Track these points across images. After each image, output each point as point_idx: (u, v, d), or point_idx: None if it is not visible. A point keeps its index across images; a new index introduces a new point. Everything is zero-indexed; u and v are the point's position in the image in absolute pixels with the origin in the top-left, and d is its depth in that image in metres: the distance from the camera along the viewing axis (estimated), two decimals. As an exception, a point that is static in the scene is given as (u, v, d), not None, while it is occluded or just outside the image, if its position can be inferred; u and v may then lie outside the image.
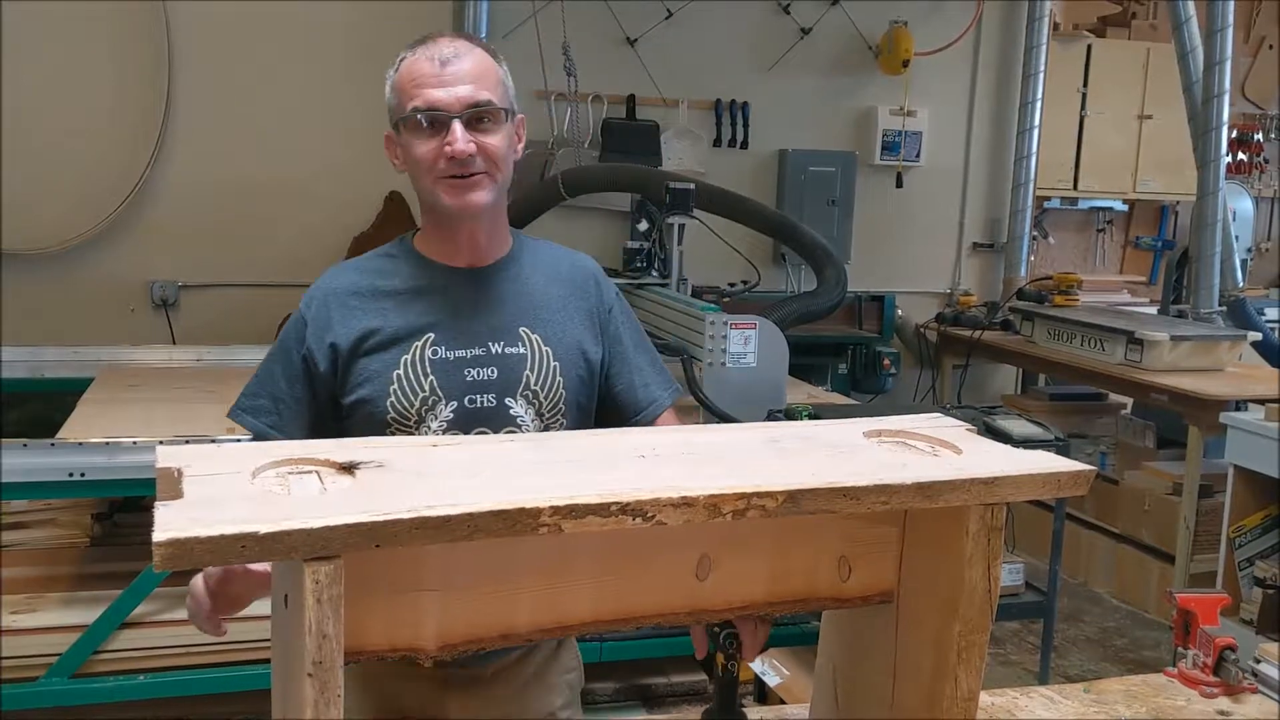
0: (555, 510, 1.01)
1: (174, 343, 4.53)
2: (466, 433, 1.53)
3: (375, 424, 1.53)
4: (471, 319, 1.58)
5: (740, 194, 4.58)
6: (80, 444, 2.86)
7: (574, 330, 1.63)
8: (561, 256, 1.70)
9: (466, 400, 1.55)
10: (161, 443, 1.18)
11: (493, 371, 1.56)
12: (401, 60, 1.55)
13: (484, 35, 4.67)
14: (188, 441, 2.76)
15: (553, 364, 1.59)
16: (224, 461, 1.10)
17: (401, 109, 1.53)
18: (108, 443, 2.86)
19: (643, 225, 4.21)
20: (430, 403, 1.53)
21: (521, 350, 1.58)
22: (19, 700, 2.90)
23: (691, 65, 5.31)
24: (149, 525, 0.92)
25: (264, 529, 0.91)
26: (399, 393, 1.53)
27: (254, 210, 4.73)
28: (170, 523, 0.91)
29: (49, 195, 4.47)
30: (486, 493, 1.03)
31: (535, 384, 1.58)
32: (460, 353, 1.56)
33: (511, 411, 1.56)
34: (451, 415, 1.54)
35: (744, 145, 5.49)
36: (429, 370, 1.54)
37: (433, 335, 1.56)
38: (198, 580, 1.37)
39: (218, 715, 3.16)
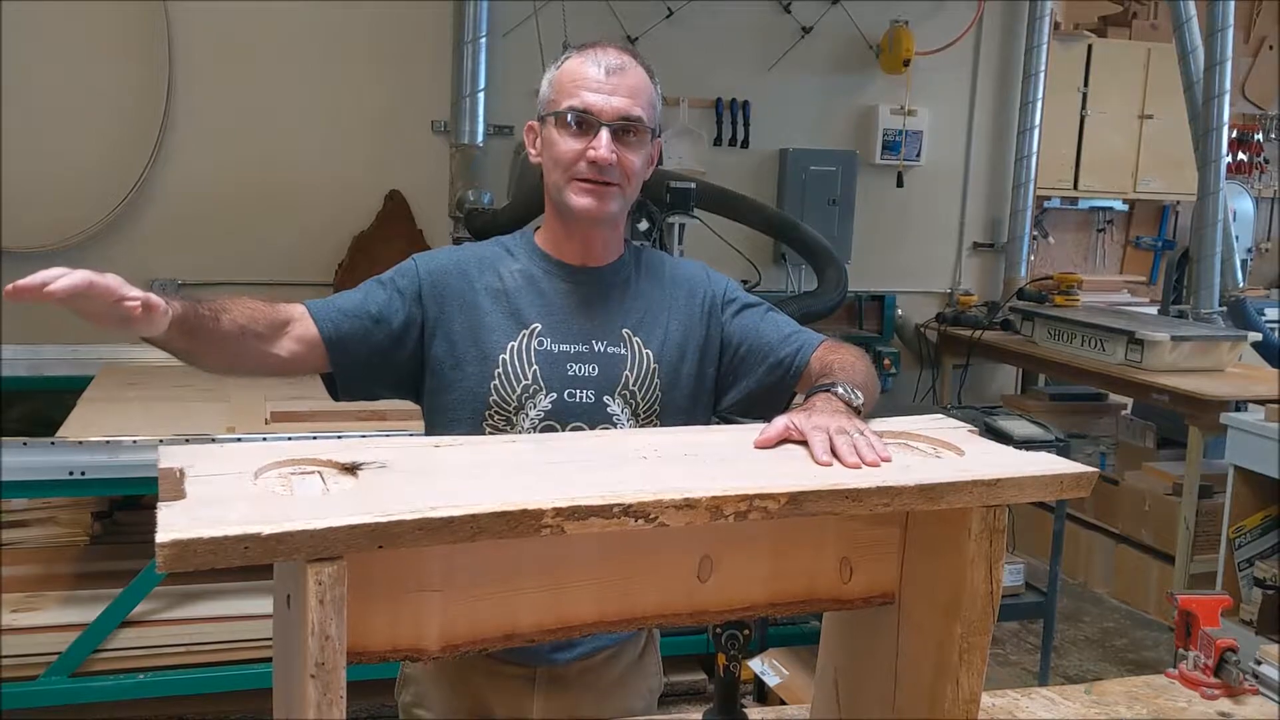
0: (558, 511, 1.01)
1: (174, 341, 4.51)
2: (562, 426, 1.56)
3: (475, 405, 1.56)
4: (577, 316, 1.61)
5: (741, 193, 4.56)
6: (80, 442, 2.85)
7: (677, 334, 1.65)
8: (670, 262, 1.73)
9: (566, 394, 1.57)
10: (163, 442, 1.17)
11: (594, 369, 1.58)
12: (566, 59, 1.58)
13: (484, 34, 4.66)
14: (188, 440, 2.78)
15: (652, 366, 1.61)
16: (227, 461, 1.10)
17: (555, 104, 1.56)
18: (108, 441, 2.85)
19: (643, 225, 4.19)
20: (531, 391, 1.56)
21: (622, 351, 1.60)
22: (18, 699, 2.90)
23: (692, 64, 5.30)
24: (149, 524, 0.92)
25: (267, 530, 0.91)
26: (503, 377, 1.56)
27: (254, 210, 4.71)
28: (173, 524, 0.91)
29: (49, 194, 4.45)
30: (489, 494, 1.03)
31: (633, 384, 1.60)
32: (565, 347, 1.58)
33: (609, 409, 1.58)
34: (550, 406, 1.56)
35: (745, 144, 5.48)
36: (533, 360, 1.57)
37: (539, 326, 1.58)
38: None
39: (217, 714, 3.16)
